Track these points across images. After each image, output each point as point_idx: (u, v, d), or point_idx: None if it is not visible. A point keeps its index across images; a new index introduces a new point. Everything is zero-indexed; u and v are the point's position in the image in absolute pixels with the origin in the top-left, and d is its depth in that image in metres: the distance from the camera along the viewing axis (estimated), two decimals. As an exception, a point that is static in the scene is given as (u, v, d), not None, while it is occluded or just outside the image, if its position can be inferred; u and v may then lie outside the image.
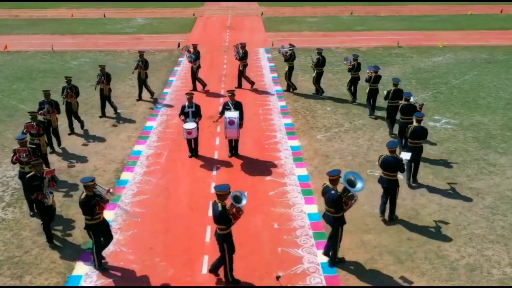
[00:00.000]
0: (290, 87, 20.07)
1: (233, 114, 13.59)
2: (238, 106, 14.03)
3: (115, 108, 17.69)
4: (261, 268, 9.53)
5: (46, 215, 10.16)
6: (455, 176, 13.02)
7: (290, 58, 19.58)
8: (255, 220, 11.10)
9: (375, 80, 16.95)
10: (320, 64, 19.16)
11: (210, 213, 11.31)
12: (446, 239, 10.41)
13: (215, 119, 14.45)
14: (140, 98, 19.13)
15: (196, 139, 14.23)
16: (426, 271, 9.40)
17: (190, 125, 13.75)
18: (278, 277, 9.03)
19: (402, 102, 14.07)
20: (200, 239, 10.47)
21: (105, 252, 9.95)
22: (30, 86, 21.14)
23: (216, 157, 14.40)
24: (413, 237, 10.48)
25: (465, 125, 16.57)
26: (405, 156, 11.46)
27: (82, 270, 9.53)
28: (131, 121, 17.16)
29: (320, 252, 9.95)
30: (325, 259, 9.73)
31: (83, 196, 9.16)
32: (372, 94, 17.26)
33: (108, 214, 11.30)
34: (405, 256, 9.88)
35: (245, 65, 20.06)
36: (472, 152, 14.46)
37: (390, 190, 10.92)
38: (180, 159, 14.24)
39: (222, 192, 8.71)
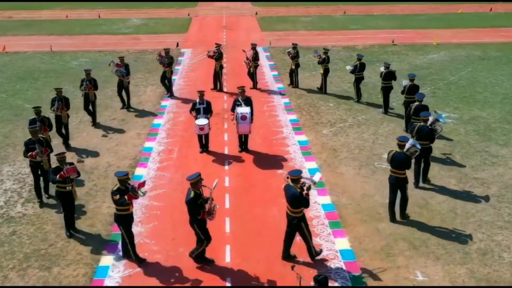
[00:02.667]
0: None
1: (245, 110, 13.93)
2: (248, 102, 14.38)
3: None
4: (280, 257, 9.83)
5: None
6: (459, 167, 13.49)
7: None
8: (272, 211, 11.45)
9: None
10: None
11: (228, 205, 11.81)
12: (457, 226, 10.85)
13: (232, 118, 14.57)
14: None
15: (207, 135, 14.54)
16: (440, 256, 9.82)
17: (203, 121, 14.06)
18: (293, 267, 9.32)
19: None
20: (220, 230, 10.76)
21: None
22: (33, 86, 21.28)
23: (226, 152, 14.73)
24: (424, 225, 10.90)
25: (465, 119, 17.08)
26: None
27: (109, 261, 9.81)
28: (138, 119, 17.40)
29: (337, 240, 10.33)
30: (343, 246, 10.13)
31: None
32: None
33: (127, 208, 11.65)
34: (419, 242, 10.29)
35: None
36: (474, 145, 14.96)
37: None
38: (192, 154, 14.54)
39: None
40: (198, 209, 9.20)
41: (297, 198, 9.26)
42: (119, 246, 10.10)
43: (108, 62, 19.11)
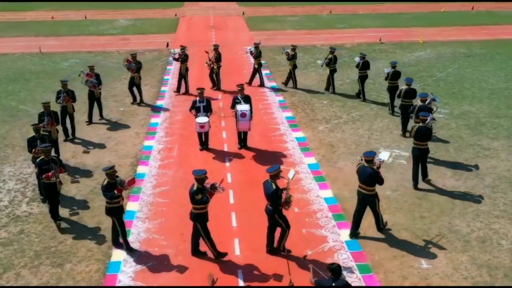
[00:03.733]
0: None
1: (244, 107, 14.16)
2: (247, 100, 14.62)
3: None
4: (291, 248, 10.08)
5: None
6: (454, 160, 13.91)
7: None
8: (276, 205, 11.67)
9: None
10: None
11: (232, 201, 12.02)
12: (456, 216, 11.24)
13: (232, 114, 14.80)
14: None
15: (206, 133, 14.73)
16: (442, 244, 10.19)
17: (203, 119, 14.25)
18: (304, 257, 9.57)
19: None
20: (227, 224, 11.00)
21: (138, 240, 10.41)
22: (26, 87, 21.20)
23: (226, 149, 14.94)
24: (425, 215, 11.27)
25: (455, 114, 17.56)
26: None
27: (120, 256, 9.95)
28: (135, 118, 17.50)
29: (341, 232, 10.63)
30: (348, 237, 10.43)
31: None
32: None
33: (132, 205, 11.83)
34: (420, 232, 10.65)
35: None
36: (466, 138, 15.41)
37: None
38: (192, 152, 14.72)
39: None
40: (279, 199, 9.51)
41: (374, 176, 9.98)
42: (128, 240, 10.25)
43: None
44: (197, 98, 14.61)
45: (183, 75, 19.95)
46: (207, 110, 14.53)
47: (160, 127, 16.68)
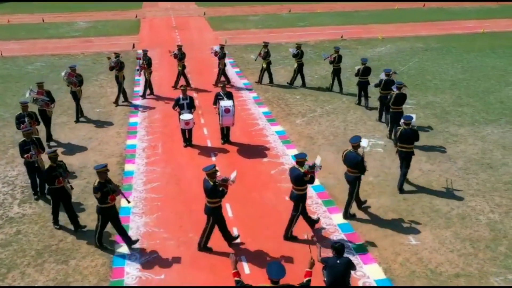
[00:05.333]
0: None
1: (227, 103, 14.55)
2: (229, 96, 15.02)
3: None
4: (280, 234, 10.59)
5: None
6: (427, 147, 14.80)
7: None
8: (268, 195, 12.18)
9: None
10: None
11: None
12: (435, 196, 12.06)
13: (216, 111, 15.14)
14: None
15: (190, 130, 15.02)
16: (426, 222, 10.96)
17: (187, 116, 14.54)
18: (312, 237, 10.05)
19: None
20: (224, 215, 11.34)
21: (139, 234, 10.65)
22: (-7, 92, 20.76)
23: (209, 145, 15.28)
24: (407, 198, 12.03)
25: (422, 104, 18.58)
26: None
27: (123, 250, 10.15)
28: (113, 119, 17.54)
29: (333, 216, 11.22)
30: (340, 220, 11.04)
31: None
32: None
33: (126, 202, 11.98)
34: (405, 212, 11.39)
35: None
36: (435, 126, 16.39)
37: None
38: (177, 149, 14.98)
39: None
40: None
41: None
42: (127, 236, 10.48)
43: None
44: (181, 96, 14.87)
45: (119, 83, 18.79)
46: (191, 107, 14.82)
47: (140, 126, 16.82)
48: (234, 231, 10.72)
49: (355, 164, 10.76)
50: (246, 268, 9.58)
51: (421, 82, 21.43)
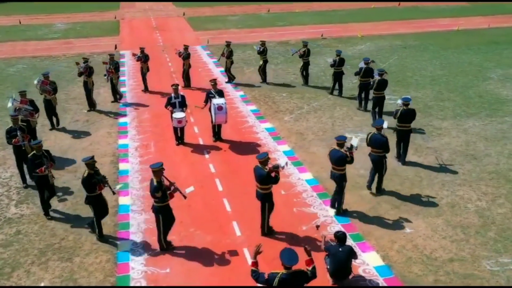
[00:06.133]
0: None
1: (220, 101, 14.77)
2: (221, 94, 15.25)
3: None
4: (286, 226, 10.90)
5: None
6: (413, 139, 15.21)
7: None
8: (263, 189, 12.44)
9: (339, 63, 18.78)
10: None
11: (221, 188, 12.61)
12: (424, 186, 12.53)
13: (202, 106, 15.46)
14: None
15: (182, 128, 15.19)
16: (419, 211, 11.41)
17: (180, 114, 14.71)
18: (317, 227, 10.33)
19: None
20: (222, 210, 11.62)
21: (140, 230, 10.80)
22: (-23, 95, 20.50)
23: (201, 143, 15.48)
24: (399, 189, 12.47)
25: (405, 100, 19.09)
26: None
27: (126, 246, 10.30)
28: (102, 119, 17.57)
29: (329, 208, 11.57)
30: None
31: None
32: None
33: (124, 200, 12.16)
34: (398, 203, 11.82)
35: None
36: (419, 120, 16.81)
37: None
38: (169, 147, 15.13)
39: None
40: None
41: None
42: (130, 232, 10.63)
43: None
44: (172, 94, 15.03)
45: (88, 90, 18.21)
46: (183, 105, 14.99)
47: (130, 126, 16.90)
48: (234, 225, 10.97)
49: (381, 145, 11.77)
50: (248, 260, 9.82)
51: (402, 78, 22.01)
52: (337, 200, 11.35)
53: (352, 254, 8.95)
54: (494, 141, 15.21)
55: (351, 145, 10.94)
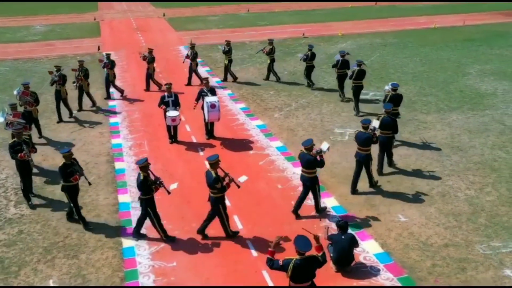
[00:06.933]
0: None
1: (213, 99, 15.01)
2: (213, 92, 15.49)
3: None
4: (284, 219, 11.19)
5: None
6: (400, 133, 15.76)
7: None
8: (261, 184, 12.75)
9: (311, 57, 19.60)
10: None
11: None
12: (415, 177, 13.01)
13: (194, 106, 15.68)
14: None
15: (175, 127, 15.37)
16: (411, 201, 11.87)
17: (174, 113, 14.88)
18: (320, 219, 10.65)
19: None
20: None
21: (144, 226, 10.95)
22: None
23: (195, 141, 15.69)
24: (390, 180, 12.92)
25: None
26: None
27: (131, 242, 10.46)
28: (92, 120, 17.60)
29: (326, 200, 11.93)
30: (333, 203, 11.76)
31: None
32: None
33: (123, 198, 12.30)
34: (391, 193, 12.26)
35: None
36: (405, 115, 17.41)
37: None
38: (163, 146, 15.29)
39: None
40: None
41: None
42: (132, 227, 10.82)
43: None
44: (165, 93, 15.21)
45: (64, 99, 17.63)
46: (176, 104, 15.17)
47: (121, 126, 16.98)
48: (236, 219, 11.23)
49: (391, 127, 12.96)
50: (254, 252, 10.11)
51: (385, 75, 22.58)
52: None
53: (354, 242, 9.32)
54: (478, 133, 15.83)
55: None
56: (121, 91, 19.99)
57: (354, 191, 12.26)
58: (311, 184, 11.09)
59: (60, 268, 9.69)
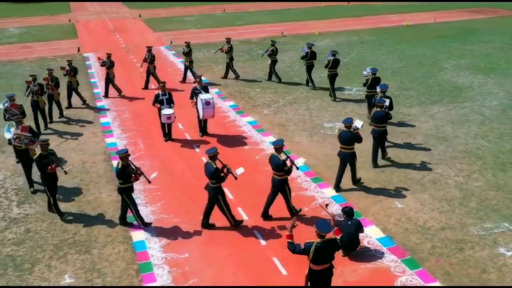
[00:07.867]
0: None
1: (207, 96, 15.30)
2: (206, 90, 15.78)
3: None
4: (285, 209, 11.59)
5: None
6: (387, 126, 16.40)
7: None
8: (260, 177, 13.10)
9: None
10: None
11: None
12: (406, 166, 13.62)
13: (192, 105, 15.87)
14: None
15: (170, 124, 15.59)
16: (405, 188, 12.45)
17: (169, 111, 15.11)
18: (326, 205, 11.03)
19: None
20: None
21: (150, 220, 11.18)
22: None
23: (189, 138, 15.94)
24: (383, 170, 13.49)
25: (372, 91, 20.29)
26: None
27: (141, 236, 10.68)
28: (83, 120, 17.63)
29: (324, 190, 12.40)
30: (332, 193, 12.24)
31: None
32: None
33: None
34: (385, 182, 12.82)
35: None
36: (389, 108, 18.09)
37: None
38: (158, 144, 15.49)
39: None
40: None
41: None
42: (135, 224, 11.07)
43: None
44: (160, 92, 15.41)
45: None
46: (170, 102, 15.40)
47: (113, 125, 17.07)
48: (240, 211, 11.57)
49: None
50: (262, 241, 10.47)
51: (366, 71, 23.24)
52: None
53: (360, 227, 9.81)
54: (460, 124, 16.60)
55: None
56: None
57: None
58: (350, 159, 12.18)
59: (73, 263, 9.84)
